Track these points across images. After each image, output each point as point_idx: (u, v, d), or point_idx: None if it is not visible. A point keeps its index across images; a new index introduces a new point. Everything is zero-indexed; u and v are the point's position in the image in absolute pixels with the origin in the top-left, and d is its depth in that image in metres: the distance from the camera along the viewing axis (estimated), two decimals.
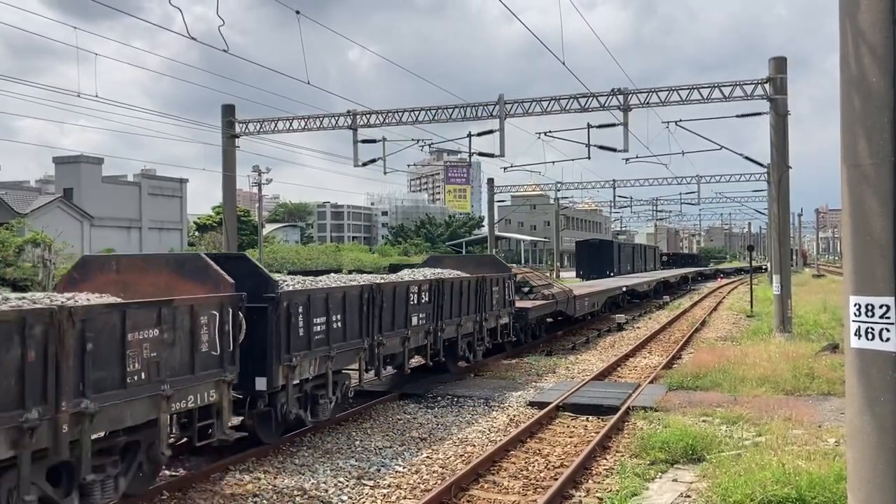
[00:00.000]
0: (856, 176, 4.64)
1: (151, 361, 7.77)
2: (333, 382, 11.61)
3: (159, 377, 7.86)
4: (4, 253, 40.41)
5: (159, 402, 7.87)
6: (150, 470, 8.41)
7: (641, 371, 18.23)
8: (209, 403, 8.73)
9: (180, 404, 8.23)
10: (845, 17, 4.72)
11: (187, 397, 8.32)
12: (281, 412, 10.59)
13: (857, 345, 4.68)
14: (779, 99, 22.33)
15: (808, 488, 7.74)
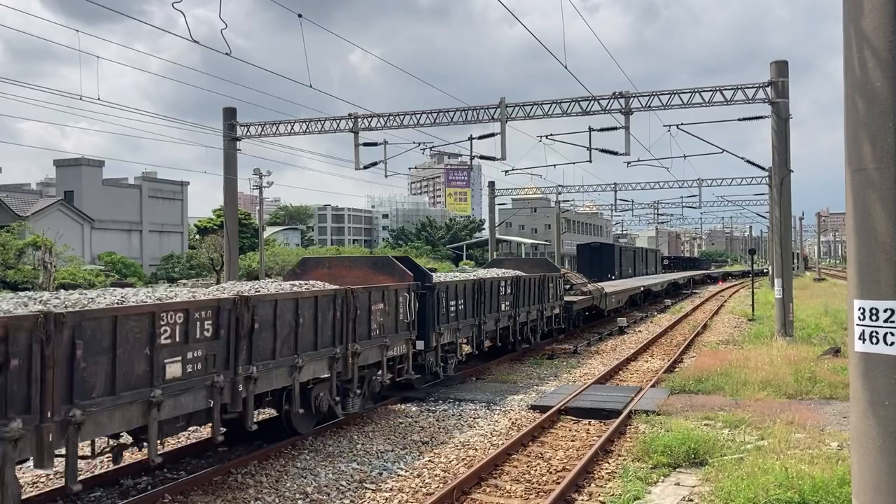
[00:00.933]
0: (860, 180, 4.64)
1: (380, 324, 12.62)
2: (455, 349, 16.70)
3: (384, 333, 12.74)
4: (5, 255, 40.43)
5: (384, 349, 12.80)
6: (372, 394, 13.03)
7: (643, 375, 18.22)
8: (402, 354, 13.67)
9: (391, 352, 13.08)
10: (849, 21, 4.73)
11: (394, 348, 13.26)
12: (427, 365, 15.30)
13: (862, 349, 4.68)
14: (780, 102, 22.34)
15: (812, 492, 7.72)
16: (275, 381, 10.00)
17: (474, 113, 26.29)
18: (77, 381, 6.99)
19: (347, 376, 11.70)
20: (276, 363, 9.87)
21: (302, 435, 11.49)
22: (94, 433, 7.44)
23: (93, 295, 8.52)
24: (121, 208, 62.19)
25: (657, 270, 74.59)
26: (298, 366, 10.29)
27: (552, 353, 21.65)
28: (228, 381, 8.99)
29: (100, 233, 59.37)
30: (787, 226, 23.67)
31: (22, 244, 41.72)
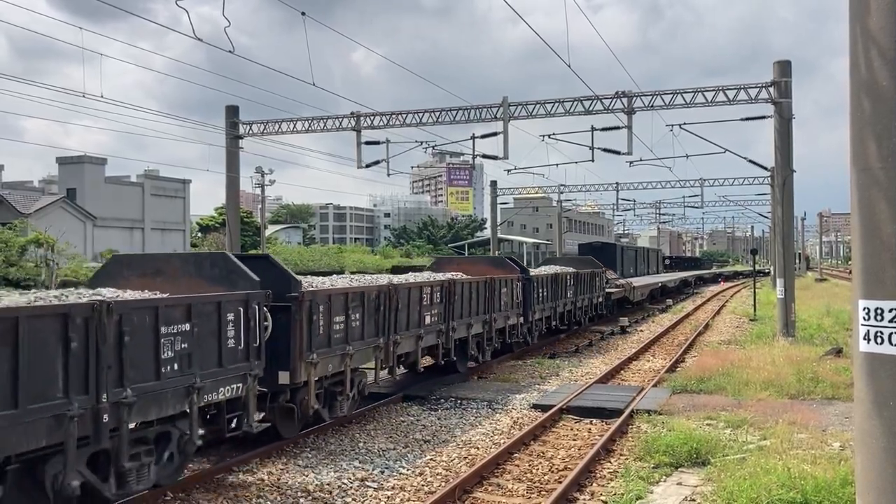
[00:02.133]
0: (865, 180, 4.62)
1: (504, 302, 18.68)
2: (540, 325, 21.87)
3: (507, 309, 19.04)
4: (7, 253, 40.45)
5: (507, 318, 19.14)
6: (504, 344, 19.29)
7: (645, 374, 18.21)
8: (514, 324, 19.68)
9: (510, 321, 19.44)
10: (855, 20, 4.71)
11: (511, 319, 19.50)
12: (522, 333, 20.49)
13: (866, 349, 4.66)
14: (783, 102, 22.32)
15: (814, 493, 7.71)
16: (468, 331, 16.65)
17: (477, 112, 26.27)
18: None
19: (491, 334, 17.90)
20: (467, 319, 16.57)
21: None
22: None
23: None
24: (123, 206, 62.20)
25: (658, 270, 74.60)
26: (471, 323, 16.64)
27: (554, 353, 21.64)
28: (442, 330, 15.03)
29: (102, 230, 59.39)
30: (789, 226, 23.64)
31: (24, 241, 41.73)
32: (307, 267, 64.34)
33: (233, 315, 9.05)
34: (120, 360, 7.43)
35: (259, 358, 9.52)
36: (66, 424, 6.89)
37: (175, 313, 8.18)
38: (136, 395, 7.57)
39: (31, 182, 78.15)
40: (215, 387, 8.78)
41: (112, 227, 60.86)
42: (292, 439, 11.27)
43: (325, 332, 11.16)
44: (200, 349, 8.49)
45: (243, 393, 9.28)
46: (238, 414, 9.47)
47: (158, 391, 7.94)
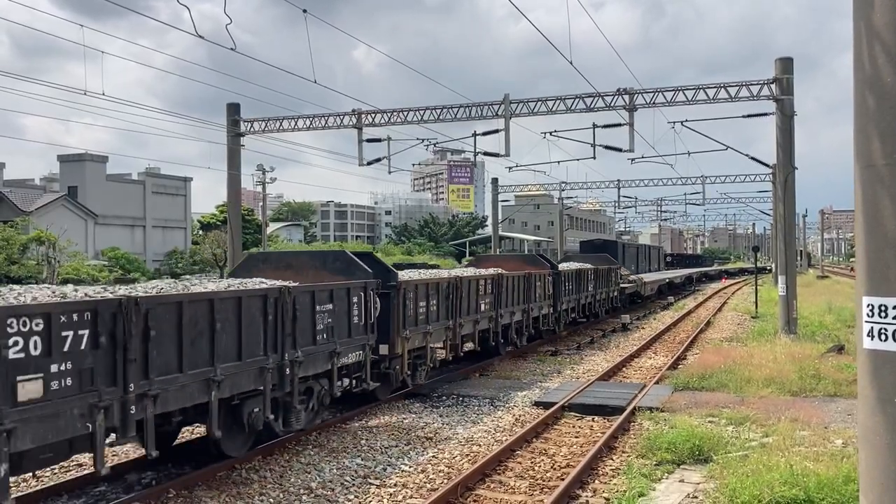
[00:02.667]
0: (869, 176, 4.61)
1: (539, 295, 21.21)
2: (567, 314, 24.65)
3: (538, 301, 21.22)
4: (9, 251, 40.48)
5: (540, 308, 21.53)
6: (546, 330, 22.63)
7: (647, 371, 18.20)
8: (546, 313, 22.20)
9: (543, 311, 21.75)
10: (859, 17, 4.69)
11: (543, 309, 21.77)
12: (551, 322, 23.02)
13: (870, 346, 4.65)
14: (785, 99, 22.28)
15: (817, 490, 7.71)
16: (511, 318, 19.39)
17: (478, 109, 26.26)
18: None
19: (528, 321, 20.81)
20: (510, 308, 19.40)
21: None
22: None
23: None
24: (124, 204, 62.21)
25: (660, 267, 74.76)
26: (513, 311, 19.29)
27: (555, 350, 21.65)
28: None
29: (103, 228, 59.42)
30: (790, 223, 23.61)
31: (26, 239, 41.76)
32: None
33: (357, 298, 11.63)
34: (294, 329, 10.00)
35: (373, 332, 12.10)
36: (265, 374, 9.56)
37: (323, 296, 10.74)
38: (303, 355, 10.13)
39: (33, 180, 78.18)
40: (347, 352, 11.44)
41: (113, 224, 60.89)
42: (296, 435, 11.30)
43: (413, 314, 13.88)
44: (338, 323, 11.09)
45: (363, 358, 11.89)
46: (357, 375, 11.97)
47: (315, 353, 10.57)
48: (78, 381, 6.95)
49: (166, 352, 8.04)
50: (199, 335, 8.49)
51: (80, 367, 6.98)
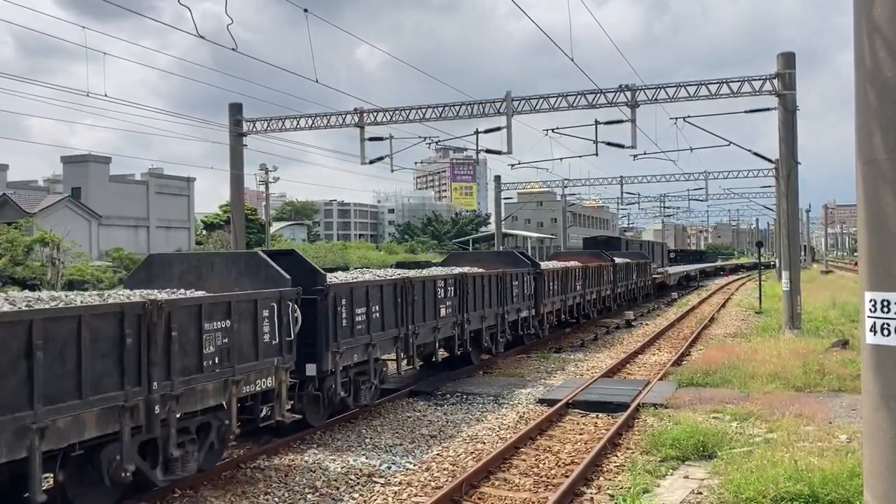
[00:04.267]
0: (871, 171, 4.61)
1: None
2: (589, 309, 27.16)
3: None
4: (13, 252, 40.57)
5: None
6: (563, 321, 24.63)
7: (651, 368, 18.20)
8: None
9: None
10: (860, 12, 4.69)
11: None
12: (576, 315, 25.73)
13: (873, 341, 4.66)
14: (787, 95, 22.24)
15: (821, 485, 7.71)
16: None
17: (480, 107, 26.24)
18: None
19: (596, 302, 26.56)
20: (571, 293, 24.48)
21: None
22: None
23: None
24: (128, 204, 62.29)
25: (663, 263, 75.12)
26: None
27: (559, 347, 21.65)
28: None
29: (107, 229, 59.50)
30: (794, 218, 23.59)
31: (30, 241, 41.85)
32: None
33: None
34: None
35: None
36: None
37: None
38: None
39: (36, 181, 78.32)
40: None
41: (117, 225, 60.98)
42: (301, 433, 11.31)
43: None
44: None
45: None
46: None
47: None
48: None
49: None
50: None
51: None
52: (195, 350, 8.42)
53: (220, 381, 8.80)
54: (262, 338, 9.55)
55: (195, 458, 8.66)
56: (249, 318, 9.33)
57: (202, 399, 8.56)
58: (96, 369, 7.19)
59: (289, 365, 10.04)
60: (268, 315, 9.67)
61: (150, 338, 7.76)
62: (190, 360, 8.35)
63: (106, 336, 7.33)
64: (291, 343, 10.08)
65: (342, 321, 11.64)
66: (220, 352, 8.78)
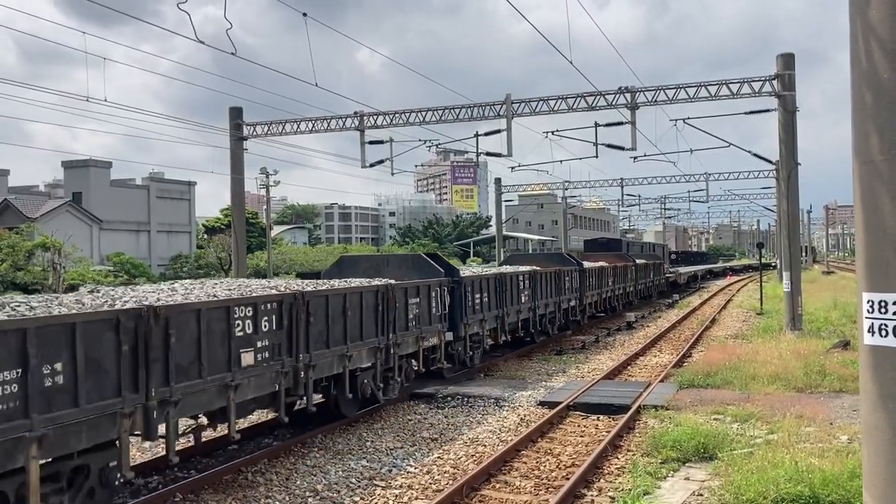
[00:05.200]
0: (868, 172, 4.62)
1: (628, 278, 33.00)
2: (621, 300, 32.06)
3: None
4: (15, 257, 40.62)
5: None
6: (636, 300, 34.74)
7: (652, 370, 18.19)
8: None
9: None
10: (855, 12, 4.70)
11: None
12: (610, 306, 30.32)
13: (871, 341, 4.66)
14: (787, 95, 22.25)
15: (822, 486, 7.70)
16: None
17: (480, 110, 26.26)
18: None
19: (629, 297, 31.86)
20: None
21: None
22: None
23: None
24: (129, 209, 62.36)
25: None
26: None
27: (560, 349, 21.65)
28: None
29: (108, 233, 59.57)
30: (794, 219, 23.58)
31: (31, 246, 41.90)
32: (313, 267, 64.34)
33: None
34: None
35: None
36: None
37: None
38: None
39: (37, 186, 78.39)
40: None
41: (118, 230, 61.04)
42: (301, 437, 11.33)
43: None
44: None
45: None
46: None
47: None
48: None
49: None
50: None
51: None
52: (403, 317, 13.10)
53: (413, 337, 13.48)
54: (433, 310, 14.27)
55: (398, 386, 13.06)
56: (426, 296, 14.01)
57: (407, 347, 13.32)
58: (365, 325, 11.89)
59: (444, 329, 14.73)
60: (435, 295, 14.39)
61: (388, 306, 12.50)
62: (401, 322, 12.95)
63: (370, 305, 12.05)
64: (445, 315, 14.83)
65: (469, 303, 15.88)
66: (416, 318, 13.36)
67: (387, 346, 12.62)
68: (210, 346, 8.59)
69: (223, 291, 9.99)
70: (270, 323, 9.68)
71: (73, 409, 6.93)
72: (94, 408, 7.16)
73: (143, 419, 7.72)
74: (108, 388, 7.31)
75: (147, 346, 7.68)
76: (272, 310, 9.75)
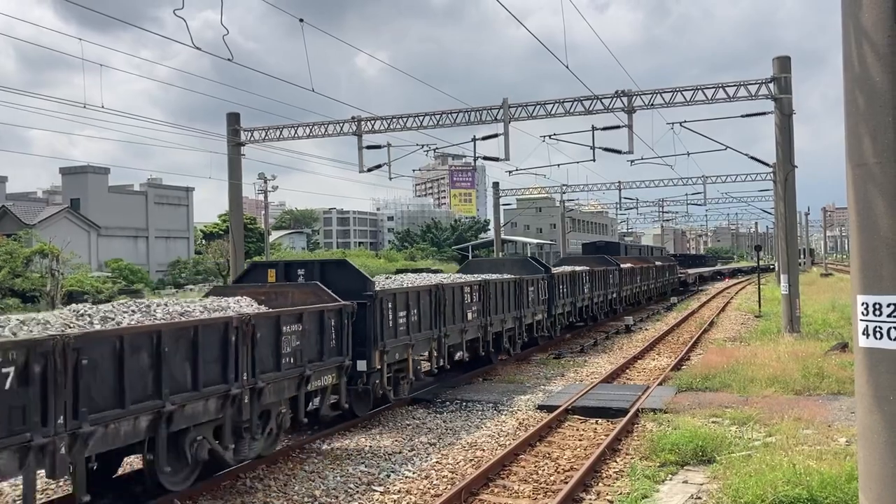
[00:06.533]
0: (861, 175, 4.64)
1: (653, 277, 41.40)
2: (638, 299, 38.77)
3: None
4: (13, 264, 40.59)
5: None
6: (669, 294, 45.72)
7: (650, 373, 18.19)
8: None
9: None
10: (847, 16, 4.73)
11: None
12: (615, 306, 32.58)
13: (866, 344, 4.67)
14: (783, 98, 22.29)
15: (820, 488, 7.71)
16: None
17: (477, 114, 26.28)
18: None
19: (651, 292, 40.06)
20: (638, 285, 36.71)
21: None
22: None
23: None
24: (127, 215, 62.37)
25: None
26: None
27: (559, 353, 21.65)
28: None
29: (106, 240, 59.56)
30: (792, 222, 23.60)
31: (29, 252, 41.88)
32: None
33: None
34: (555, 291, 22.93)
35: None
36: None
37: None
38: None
39: (35, 193, 78.40)
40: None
41: (116, 236, 61.04)
42: (299, 441, 11.31)
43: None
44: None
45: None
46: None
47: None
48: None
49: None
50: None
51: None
52: (497, 307, 18.21)
53: (513, 316, 19.34)
54: (529, 296, 20.47)
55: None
56: (533, 286, 21.06)
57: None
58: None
59: (543, 309, 21.35)
60: (534, 288, 21.11)
61: (486, 295, 17.50)
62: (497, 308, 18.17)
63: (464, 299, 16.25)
64: (546, 300, 21.86)
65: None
66: (514, 304, 19.32)
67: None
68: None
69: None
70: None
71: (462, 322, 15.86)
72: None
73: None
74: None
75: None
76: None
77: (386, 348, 12.91)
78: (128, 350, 7.58)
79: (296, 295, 11.62)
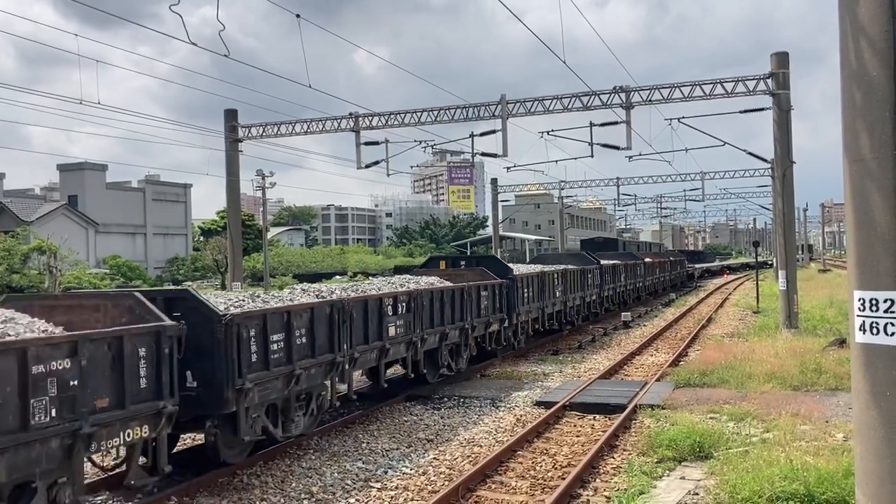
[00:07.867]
0: (858, 171, 4.63)
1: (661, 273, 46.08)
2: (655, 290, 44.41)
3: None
4: (11, 261, 40.56)
5: (640, 283, 39.19)
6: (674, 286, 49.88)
7: (648, 369, 18.20)
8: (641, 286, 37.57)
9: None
10: (844, 11, 4.71)
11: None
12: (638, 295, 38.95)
13: (862, 339, 4.67)
14: (781, 94, 22.27)
15: (817, 484, 7.71)
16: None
17: (475, 110, 26.26)
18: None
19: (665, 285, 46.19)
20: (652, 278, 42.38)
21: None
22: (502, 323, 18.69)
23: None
24: (124, 211, 62.30)
25: None
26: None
27: (557, 349, 21.66)
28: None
29: (104, 236, 59.50)
30: (790, 218, 23.60)
31: (27, 249, 41.83)
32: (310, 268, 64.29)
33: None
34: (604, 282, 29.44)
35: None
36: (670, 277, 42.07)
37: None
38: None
39: (33, 190, 78.30)
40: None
41: (114, 232, 60.97)
42: (296, 442, 11.31)
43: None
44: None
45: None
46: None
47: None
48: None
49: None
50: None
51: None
52: (550, 295, 22.17)
53: (561, 303, 23.42)
54: (593, 284, 25.66)
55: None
56: (589, 275, 25.82)
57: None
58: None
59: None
60: (591, 276, 26.04)
61: (557, 282, 23.32)
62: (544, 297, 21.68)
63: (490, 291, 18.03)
64: (597, 287, 25.68)
65: (605, 282, 24.54)
66: (563, 295, 23.25)
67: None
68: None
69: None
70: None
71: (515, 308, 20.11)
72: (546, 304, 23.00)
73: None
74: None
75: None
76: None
77: (519, 313, 19.46)
78: (371, 308, 12.24)
79: (469, 276, 18.09)
